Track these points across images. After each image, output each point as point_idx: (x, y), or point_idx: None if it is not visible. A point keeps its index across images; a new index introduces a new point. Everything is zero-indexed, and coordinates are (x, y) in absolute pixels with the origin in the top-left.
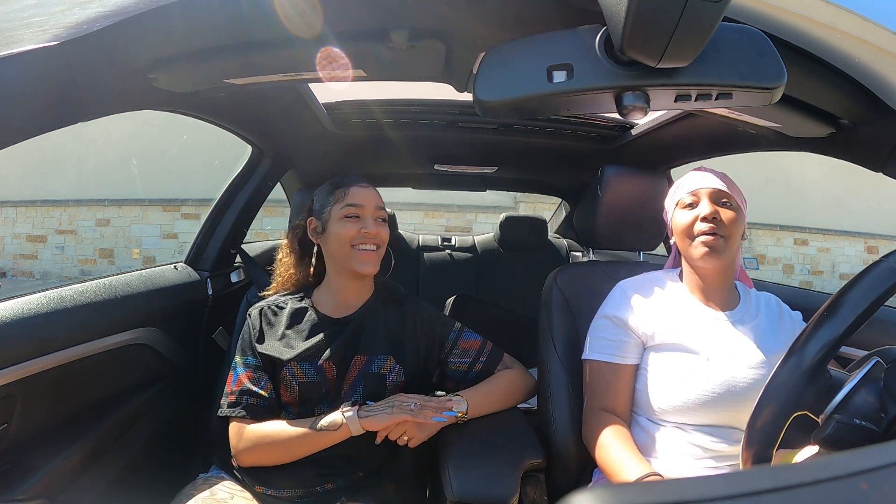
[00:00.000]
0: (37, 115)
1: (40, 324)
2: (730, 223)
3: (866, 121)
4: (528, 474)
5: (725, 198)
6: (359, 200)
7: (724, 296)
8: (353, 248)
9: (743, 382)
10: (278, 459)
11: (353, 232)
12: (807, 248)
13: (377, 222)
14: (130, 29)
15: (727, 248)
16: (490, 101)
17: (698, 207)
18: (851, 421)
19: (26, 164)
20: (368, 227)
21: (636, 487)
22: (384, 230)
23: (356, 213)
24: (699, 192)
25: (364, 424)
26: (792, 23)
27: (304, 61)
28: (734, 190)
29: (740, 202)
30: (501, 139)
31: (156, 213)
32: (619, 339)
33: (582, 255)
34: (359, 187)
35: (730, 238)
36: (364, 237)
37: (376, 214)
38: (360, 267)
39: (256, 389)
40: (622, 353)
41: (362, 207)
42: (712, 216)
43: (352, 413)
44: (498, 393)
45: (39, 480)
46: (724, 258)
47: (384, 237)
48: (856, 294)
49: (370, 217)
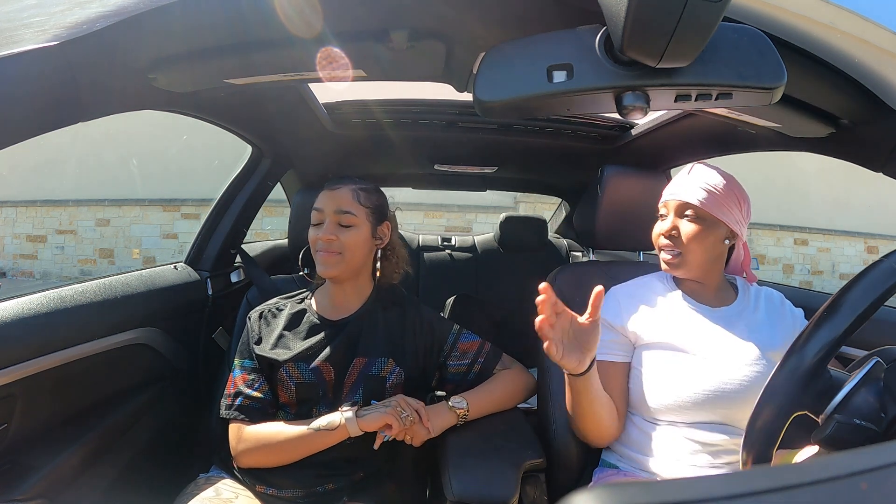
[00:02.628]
0: (37, 115)
1: (40, 324)
2: (688, 239)
3: (866, 121)
4: (528, 474)
5: (690, 210)
6: (319, 204)
7: (717, 293)
8: (316, 253)
9: (735, 380)
10: (277, 461)
11: (314, 237)
12: (807, 248)
13: (337, 226)
14: (130, 29)
15: (684, 262)
16: (490, 101)
17: (665, 221)
18: (851, 421)
19: (26, 164)
20: (321, 233)
21: (636, 487)
22: (344, 234)
23: (318, 218)
24: (668, 203)
25: (362, 425)
26: (792, 23)
27: (304, 61)
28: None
29: (719, 209)
30: (501, 139)
31: (156, 213)
32: (608, 340)
33: (582, 255)
34: (327, 190)
35: (689, 253)
36: (320, 244)
37: (335, 219)
38: (320, 269)
39: (251, 392)
40: (609, 351)
41: (321, 212)
42: (669, 232)
43: (350, 414)
44: (498, 393)
45: (39, 480)
46: (685, 270)
47: (344, 241)
48: (856, 294)
49: (329, 221)
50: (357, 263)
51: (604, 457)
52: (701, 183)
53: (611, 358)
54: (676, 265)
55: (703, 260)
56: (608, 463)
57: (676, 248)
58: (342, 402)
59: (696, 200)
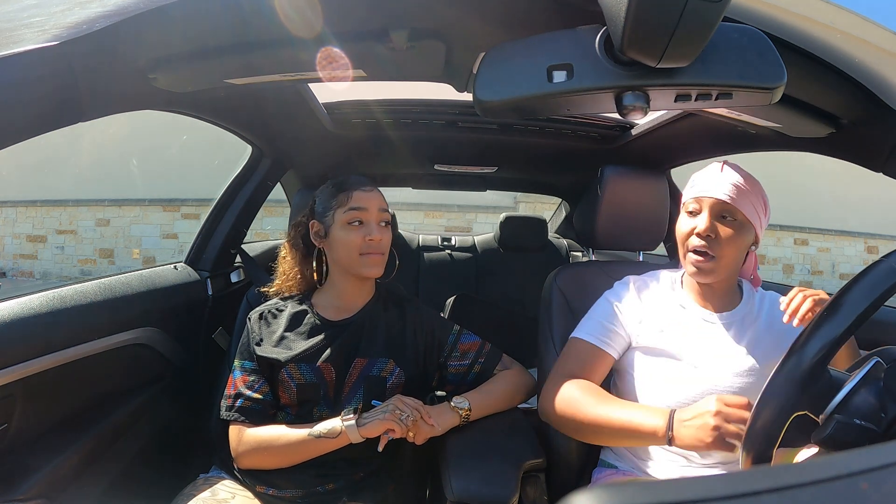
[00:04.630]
0: (37, 116)
1: (40, 324)
2: (726, 242)
3: (866, 121)
4: (528, 474)
5: (728, 212)
6: (363, 204)
7: (724, 298)
8: (361, 256)
9: (728, 391)
10: (276, 464)
11: (359, 240)
12: (807, 248)
13: (381, 227)
14: (130, 29)
15: (718, 268)
16: (490, 101)
17: (697, 218)
18: (851, 421)
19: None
20: (373, 234)
21: (636, 487)
22: (387, 234)
23: (360, 217)
24: (702, 200)
25: (363, 433)
26: (792, 23)
27: (304, 61)
28: (747, 198)
29: (752, 212)
30: (501, 139)
31: (156, 213)
32: (610, 328)
33: (582, 255)
34: (362, 191)
35: (722, 259)
36: (369, 245)
37: (380, 218)
38: (367, 271)
39: (251, 393)
40: (609, 341)
41: (366, 211)
42: (707, 233)
43: (351, 421)
44: (500, 393)
45: (39, 480)
46: (713, 276)
47: (388, 241)
48: (856, 294)
49: (374, 222)
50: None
51: (602, 457)
52: (737, 183)
53: (607, 349)
54: (708, 271)
55: (733, 267)
56: (607, 463)
57: (711, 252)
58: (343, 403)
59: (735, 202)
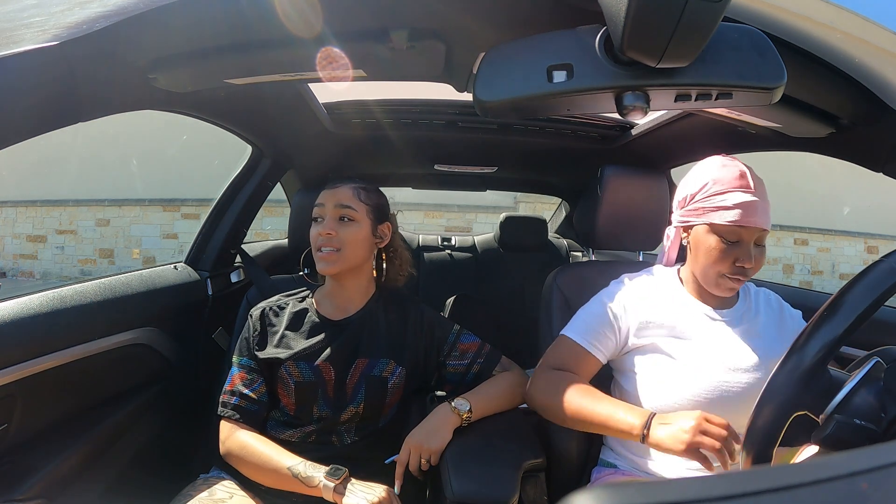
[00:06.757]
0: (37, 116)
1: (40, 324)
2: (758, 265)
3: (866, 121)
4: (528, 474)
5: (764, 235)
6: (321, 200)
7: (723, 297)
8: (317, 251)
9: (735, 388)
10: (252, 476)
11: (315, 233)
12: (807, 248)
13: (337, 221)
14: (130, 29)
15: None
16: (490, 101)
17: (739, 248)
18: (851, 421)
19: (26, 164)
20: (322, 228)
21: (636, 487)
22: (344, 229)
23: (318, 213)
24: (746, 232)
25: (336, 499)
26: (792, 23)
27: (304, 61)
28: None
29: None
30: (501, 139)
31: (156, 213)
32: (599, 331)
33: (582, 255)
34: (328, 188)
35: (749, 277)
36: (318, 240)
37: (336, 213)
38: (319, 266)
39: (247, 392)
40: (597, 343)
41: (323, 207)
42: (750, 264)
43: (332, 484)
44: (500, 395)
45: (39, 480)
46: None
47: (343, 237)
48: (856, 294)
49: (329, 216)
50: (356, 261)
51: (602, 456)
52: (767, 199)
53: (594, 351)
54: (738, 288)
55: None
56: (607, 462)
57: (747, 276)
58: (345, 403)
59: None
